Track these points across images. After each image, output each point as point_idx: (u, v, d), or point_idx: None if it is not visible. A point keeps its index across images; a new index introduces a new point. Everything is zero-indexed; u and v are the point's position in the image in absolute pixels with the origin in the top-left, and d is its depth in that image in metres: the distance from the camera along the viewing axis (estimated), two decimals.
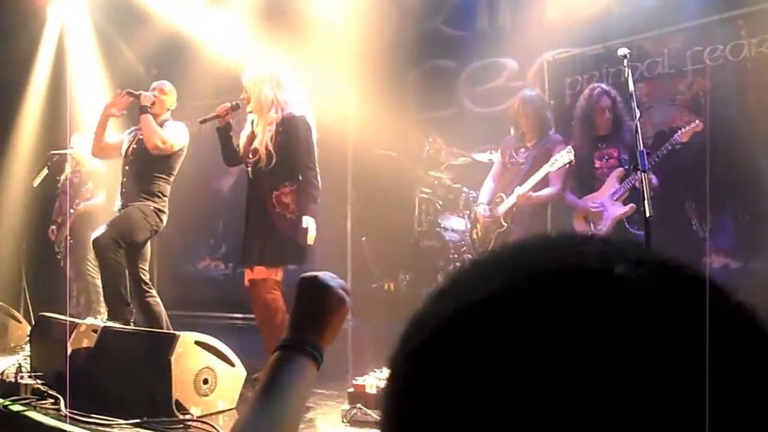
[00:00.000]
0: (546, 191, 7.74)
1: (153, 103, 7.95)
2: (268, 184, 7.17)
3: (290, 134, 7.16)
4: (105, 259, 7.65)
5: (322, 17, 11.59)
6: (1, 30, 11.37)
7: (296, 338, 1.79)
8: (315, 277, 1.89)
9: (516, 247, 0.84)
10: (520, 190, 7.65)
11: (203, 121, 7.80)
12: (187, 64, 11.62)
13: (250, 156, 7.28)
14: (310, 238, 7.03)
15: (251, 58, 10.01)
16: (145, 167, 7.96)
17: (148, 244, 8.13)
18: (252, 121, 7.37)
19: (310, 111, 7.41)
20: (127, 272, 7.82)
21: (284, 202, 7.11)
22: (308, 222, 7.01)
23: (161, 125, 7.92)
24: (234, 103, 7.43)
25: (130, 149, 8.08)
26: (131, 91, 8.11)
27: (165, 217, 8.04)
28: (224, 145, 7.54)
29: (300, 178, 7.18)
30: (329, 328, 1.83)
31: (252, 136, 7.35)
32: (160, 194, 7.99)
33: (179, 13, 11.75)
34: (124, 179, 8.07)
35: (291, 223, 7.10)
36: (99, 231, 7.84)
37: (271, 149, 7.13)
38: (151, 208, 7.90)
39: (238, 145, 7.54)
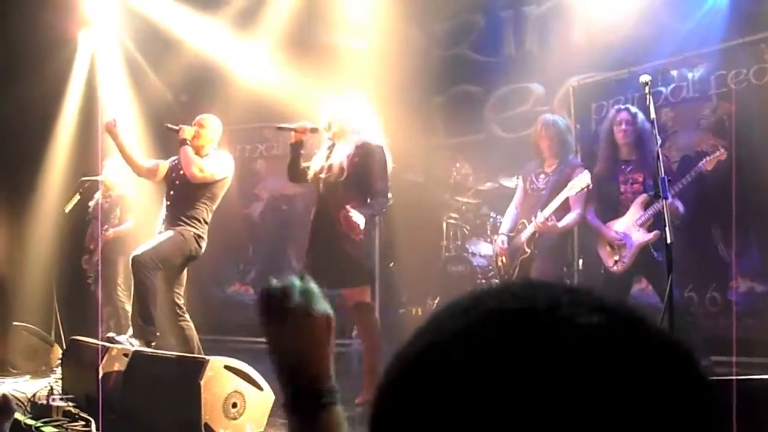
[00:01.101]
0: (568, 218, 7.78)
1: (194, 137, 8.06)
2: (337, 200, 7.26)
3: (366, 158, 7.33)
4: (140, 276, 7.72)
5: (348, 44, 11.66)
6: (33, 58, 11.50)
7: (303, 393, 1.64)
8: (277, 310, 1.68)
9: (491, 291, 0.91)
10: (539, 218, 7.68)
11: (280, 128, 8.01)
12: (215, 91, 11.70)
13: (324, 173, 7.41)
14: (354, 222, 7.03)
15: (279, 85, 10.11)
16: (188, 193, 8.08)
17: (185, 269, 8.21)
18: (328, 147, 7.53)
19: (384, 141, 7.62)
20: (158, 294, 7.89)
21: (352, 224, 7.19)
22: (356, 214, 7.03)
23: (205, 155, 8.04)
24: (314, 126, 7.59)
25: (176, 175, 8.20)
26: (170, 126, 8.20)
27: (204, 244, 8.12)
28: (293, 159, 7.70)
29: (368, 200, 7.33)
30: (324, 358, 1.68)
31: (326, 158, 7.50)
32: (201, 220, 8.08)
33: (208, 41, 11.85)
34: (168, 203, 8.19)
35: (357, 244, 7.17)
36: (139, 249, 7.95)
37: (345, 165, 7.28)
38: (191, 233, 7.99)
39: (307, 167, 7.65)
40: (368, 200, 7.33)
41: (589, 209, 7.86)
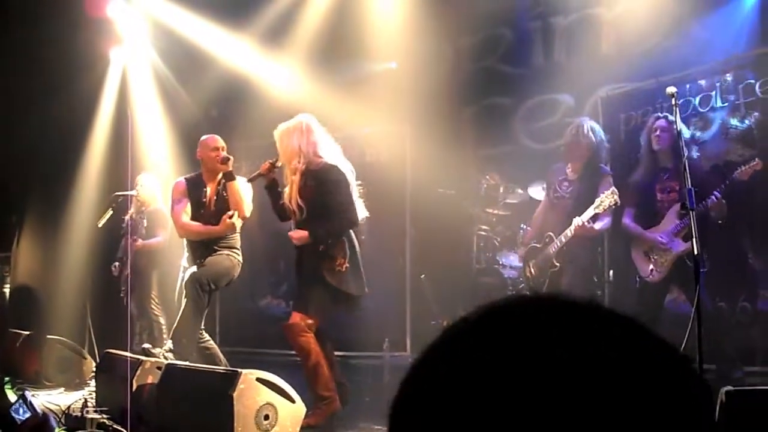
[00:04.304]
0: (602, 223, 7.80)
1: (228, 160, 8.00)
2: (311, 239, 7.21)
3: (321, 185, 7.19)
4: (195, 295, 7.75)
5: (379, 58, 11.71)
6: (65, 75, 11.62)
7: None
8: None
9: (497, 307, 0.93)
10: (576, 222, 7.68)
11: (251, 180, 7.84)
12: (244, 107, 11.81)
13: (292, 215, 7.40)
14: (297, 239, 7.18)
15: (308, 98, 10.16)
16: None
17: None
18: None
19: (342, 159, 7.43)
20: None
21: (331, 254, 7.15)
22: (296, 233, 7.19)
23: (234, 180, 7.94)
24: (275, 159, 7.45)
25: (211, 202, 8.10)
26: (227, 155, 8.02)
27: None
28: (273, 202, 7.60)
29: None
30: None
31: (289, 191, 7.40)
32: (239, 247, 8.14)
33: (237, 58, 11.95)
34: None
35: (341, 275, 7.15)
36: (195, 269, 8.01)
37: (300, 202, 7.19)
38: (236, 260, 8.05)
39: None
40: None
41: (626, 214, 7.89)
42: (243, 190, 7.93)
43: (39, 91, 11.75)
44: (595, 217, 7.74)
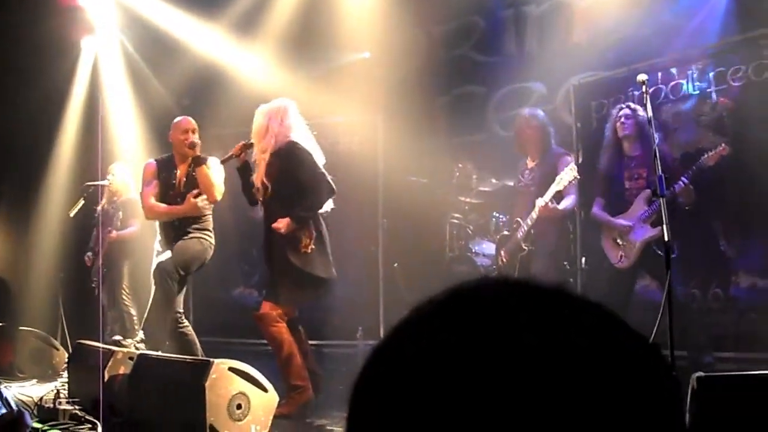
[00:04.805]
0: (566, 202, 7.93)
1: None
2: (277, 219, 7.19)
3: (286, 162, 7.18)
4: (164, 285, 7.69)
5: (352, 48, 11.69)
6: (37, 63, 11.53)
7: None
8: None
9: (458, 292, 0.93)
10: (539, 202, 7.79)
11: (223, 162, 7.81)
12: (216, 95, 11.73)
13: (259, 195, 7.38)
14: (282, 230, 7.08)
15: (281, 87, 10.11)
16: None
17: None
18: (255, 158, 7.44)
19: (310, 141, 7.44)
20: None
21: (297, 236, 7.15)
22: (278, 223, 7.09)
23: (204, 164, 7.82)
24: (249, 140, 7.45)
25: (181, 184, 8.02)
26: (194, 141, 7.87)
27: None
28: (244, 185, 7.57)
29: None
30: None
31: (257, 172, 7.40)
32: (212, 230, 8.06)
33: (209, 46, 11.88)
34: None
35: (306, 257, 7.14)
36: (163, 257, 7.96)
37: (266, 181, 7.19)
38: (208, 242, 7.97)
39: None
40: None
41: (595, 203, 7.95)
42: (213, 174, 7.82)
43: (9, 80, 11.66)
44: (559, 198, 7.84)
